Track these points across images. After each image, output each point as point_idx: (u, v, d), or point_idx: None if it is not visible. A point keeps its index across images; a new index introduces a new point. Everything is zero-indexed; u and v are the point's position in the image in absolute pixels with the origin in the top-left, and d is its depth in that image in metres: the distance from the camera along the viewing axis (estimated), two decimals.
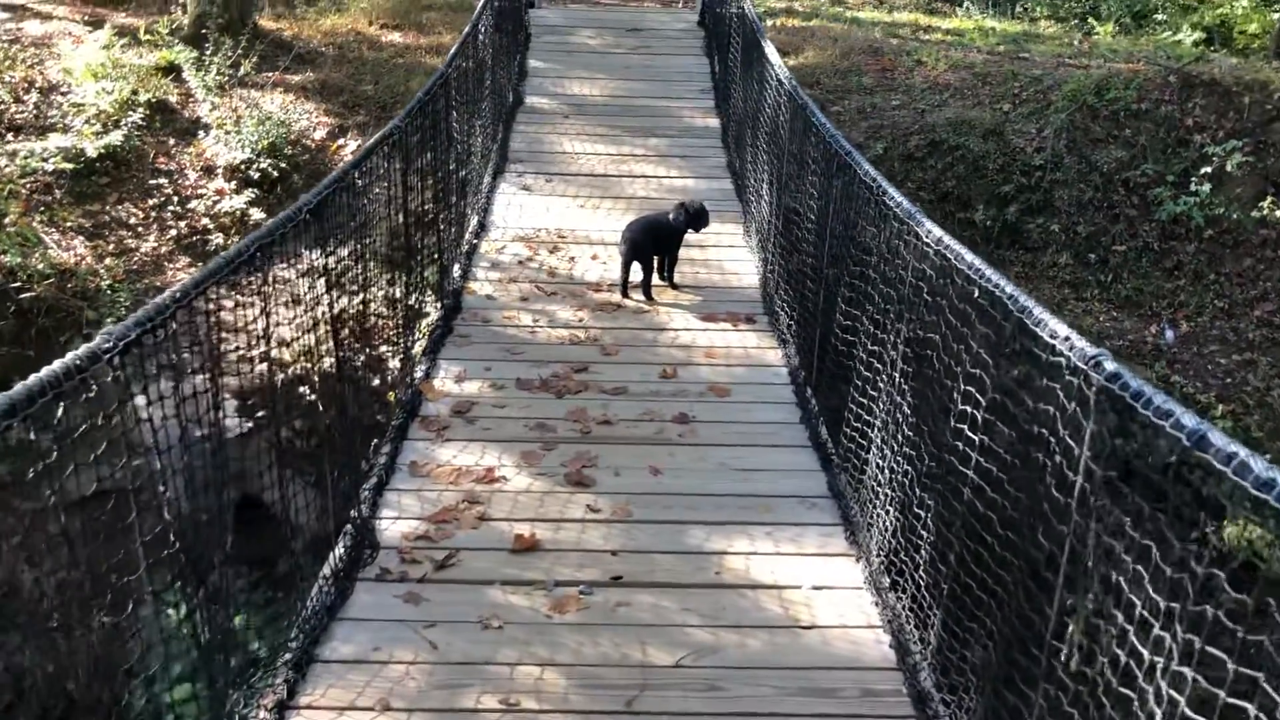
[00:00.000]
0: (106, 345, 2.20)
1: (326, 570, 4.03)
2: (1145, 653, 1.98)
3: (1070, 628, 2.38)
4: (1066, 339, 2.41)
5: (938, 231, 3.43)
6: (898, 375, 3.78)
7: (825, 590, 4.13)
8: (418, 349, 6.11)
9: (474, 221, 8.03)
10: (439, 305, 6.69)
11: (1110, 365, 2.23)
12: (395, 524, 4.47)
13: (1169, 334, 9.72)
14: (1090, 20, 16.88)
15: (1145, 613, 2.00)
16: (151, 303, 2.53)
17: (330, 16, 13.43)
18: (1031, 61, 12.51)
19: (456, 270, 7.19)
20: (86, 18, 12.47)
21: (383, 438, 5.10)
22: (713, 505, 4.72)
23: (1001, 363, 2.85)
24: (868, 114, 11.23)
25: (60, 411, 2.16)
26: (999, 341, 2.83)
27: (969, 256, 3.10)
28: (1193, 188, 10.16)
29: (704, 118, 10.46)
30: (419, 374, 5.83)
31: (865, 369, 4.30)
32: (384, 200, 5.14)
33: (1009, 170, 10.63)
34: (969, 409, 3.02)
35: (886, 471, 3.88)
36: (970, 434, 3.02)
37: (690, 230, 7.14)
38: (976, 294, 2.97)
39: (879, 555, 4.04)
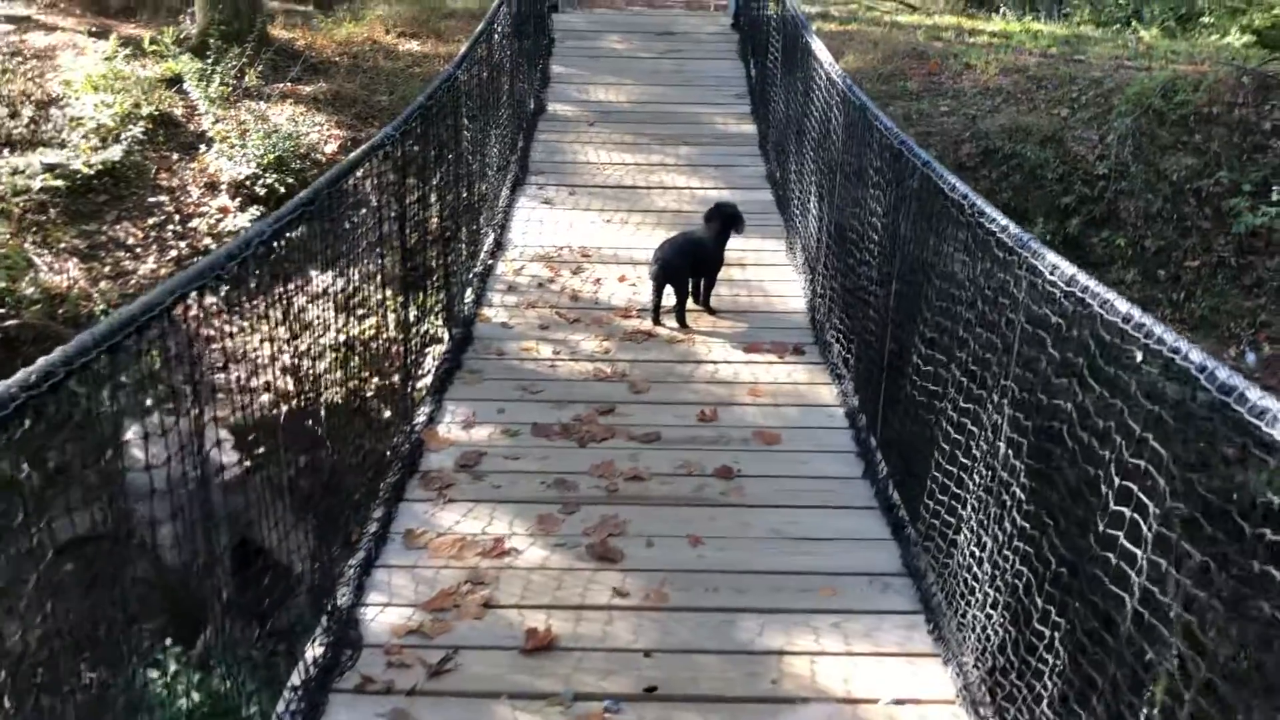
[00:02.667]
0: None
1: (295, 679, 3.28)
2: None
3: None
4: None
5: (1067, 267, 2.64)
6: (1002, 445, 3.00)
7: (909, 704, 3.34)
8: (422, 386, 5.38)
9: (490, 239, 7.30)
10: (448, 336, 5.97)
11: None
12: (383, 614, 3.71)
13: (1250, 357, 8.89)
14: (1134, 24, 16.05)
15: None
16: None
17: (346, 25, 12.80)
18: (1088, 64, 11.69)
19: (469, 295, 6.46)
20: (93, 29, 11.92)
21: (375, 499, 4.36)
22: (766, 586, 3.94)
23: (1191, 456, 2.08)
24: (915, 121, 10.43)
25: None
26: (1185, 431, 2.06)
27: (1122, 305, 2.31)
28: (1274, 197, 9.29)
29: (739, 124, 9.70)
30: (421, 418, 5.09)
31: (953, 428, 3.51)
32: (374, 222, 4.41)
33: (1069, 180, 9.83)
34: (1130, 513, 2.24)
35: (988, 566, 3.09)
36: (1132, 547, 2.23)
37: (733, 234, 6.44)
38: (1139, 359, 2.19)
39: (976, 665, 3.25)
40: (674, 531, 4.27)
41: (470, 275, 6.62)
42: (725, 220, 6.40)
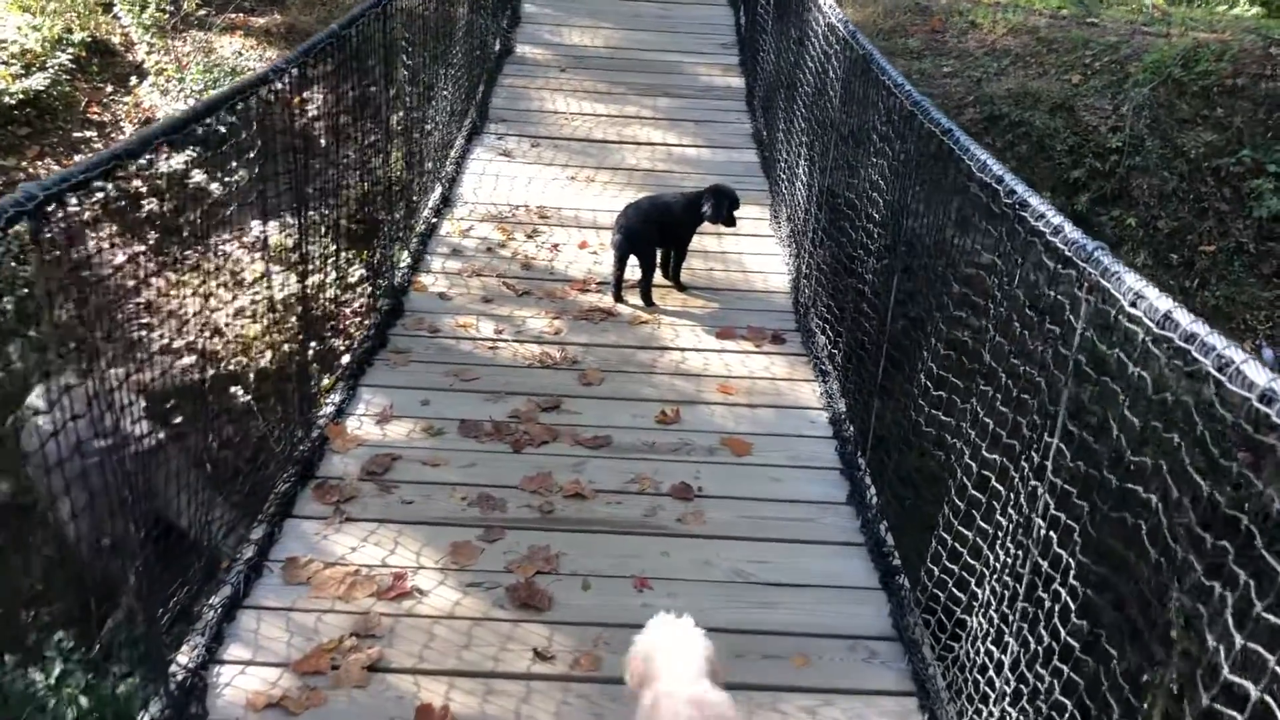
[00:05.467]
0: None
1: None
2: None
3: None
4: None
5: (1157, 298, 1.85)
6: (1041, 523, 2.25)
7: None
8: (332, 374, 4.58)
9: (436, 194, 6.46)
10: (374, 307, 5.16)
11: None
12: (242, 675, 2.94)
13: (1267, 352, 8.21)
14: None
15: None
16: None
17: None
18: (1103, 28, 10.85)
19: (405, 258, 5.63)
20: None
21: (257, 511, 3.57)
22: (725, 650, 3.14)
23: None
24: (916, 81, 9.50)
25: None
26: None
27: (1259, 375, 1.52)
28: None
29: (726, 76, 8.83)
30: (328, 409, 4.29)
31: (968, 478, 2.76)
32: (257, 173, 3.58)
33: (1079, 153, 9.04)
34: (1259, 692, 1.49)
35: (1010, 677, 2.35)
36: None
37: (722, 225, 5.65)
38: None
39: None
40: (617, 570, 3.51)
41: (409, 235, 5.79)
42: (718, 201, 5.52)
